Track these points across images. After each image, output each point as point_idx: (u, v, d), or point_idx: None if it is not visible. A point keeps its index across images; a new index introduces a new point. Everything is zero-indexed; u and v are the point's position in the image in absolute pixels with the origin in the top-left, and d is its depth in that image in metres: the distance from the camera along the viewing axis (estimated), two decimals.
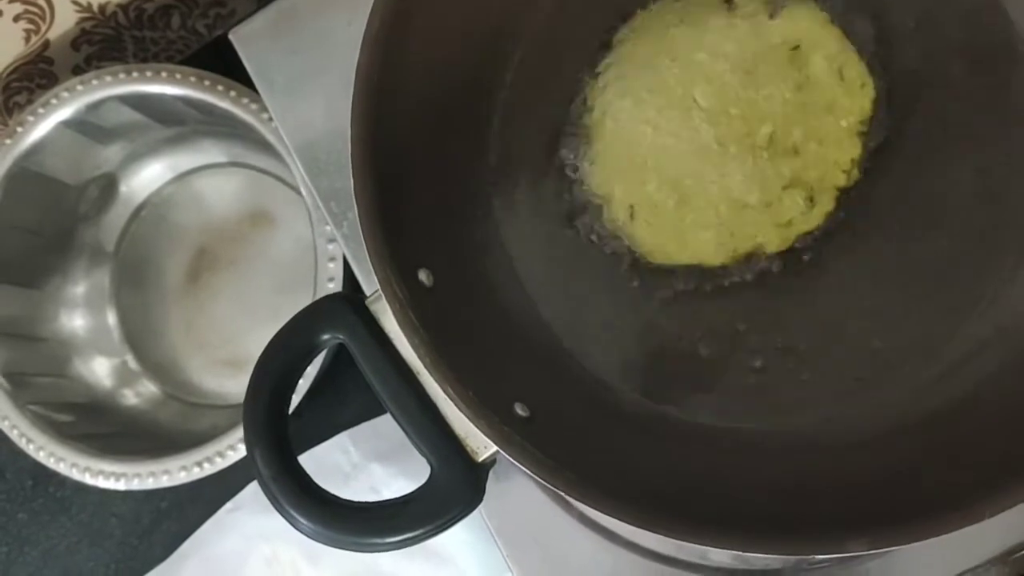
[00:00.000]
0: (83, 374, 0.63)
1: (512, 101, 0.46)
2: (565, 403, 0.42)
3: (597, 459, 0.39)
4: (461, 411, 0.37)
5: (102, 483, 0.55)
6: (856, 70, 0.44)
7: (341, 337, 0.40)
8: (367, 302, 0.40)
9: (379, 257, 0.38)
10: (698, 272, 0.45)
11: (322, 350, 0.40)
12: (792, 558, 0.45)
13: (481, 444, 0.39)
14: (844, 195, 0.44)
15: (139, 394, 0.64)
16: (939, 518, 0.34)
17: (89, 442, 0.57)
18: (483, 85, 0.46)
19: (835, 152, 0.44)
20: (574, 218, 0.46)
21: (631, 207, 0.45)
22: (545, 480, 0.36)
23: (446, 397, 0.37)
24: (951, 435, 0.39)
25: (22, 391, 0.57)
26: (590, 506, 0.36)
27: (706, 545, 0.35)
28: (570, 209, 0.46)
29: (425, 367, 0.37)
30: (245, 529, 0.60)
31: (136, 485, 0.55)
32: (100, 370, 0.64)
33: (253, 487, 0.60)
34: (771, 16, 0.45)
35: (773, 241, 0.44)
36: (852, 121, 0.44)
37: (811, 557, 0.45)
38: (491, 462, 0.39)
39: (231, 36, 0.54)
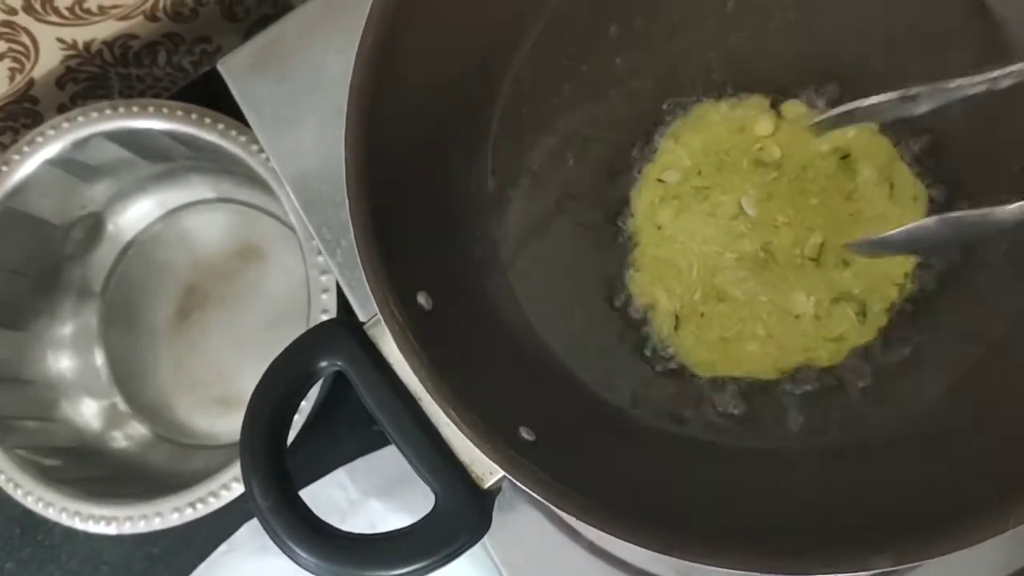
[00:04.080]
0: (71, 417, 0.62)
1: (509, 121, 0.46)
2: (572, 426, 0.41)
3: (607, 482, 0.37)
4: (465, 435, 0.36)
5: (92, 528, 0.54)
6: (907, 181, 0.43)
7: (339, 364, 0.38)
8: (365, 327, 0.39)
9: (376, 278, 0.37)
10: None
11: (320, 377, 0.39)
12: None
13: (486, 470, 0.37)
14: (897, 309, 0.43)
15: (129, 436, 0.62)
16: (964, 529, 0.33)
17: (78, 486, 0.55)
18: (480, 103, 0.45)
19: (887, 265, 0.43)
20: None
21: (676, 317, 0.44)
22: (555, 504, 0.35)
23: (449, 422, 0.36)
24: (973, 444, 0.38)
25: (9, 435, 0.56)
26: (602, 530, 0.34)
27: (724, 567, 0.34)
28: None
29: (427, 391, 0.36)
30: (240, 571, 0.58)
31: (128, 529, 0.53)
32: (88, 412, 0.62)
33: (247, 528, 0.59)
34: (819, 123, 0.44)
35: (823, 356, 0.43)
36: None
37: None
38: (497, 489, 0.38)
39: (219, 66, 0.53)
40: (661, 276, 0.44)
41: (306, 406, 0.54)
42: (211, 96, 0.56)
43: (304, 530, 0.37)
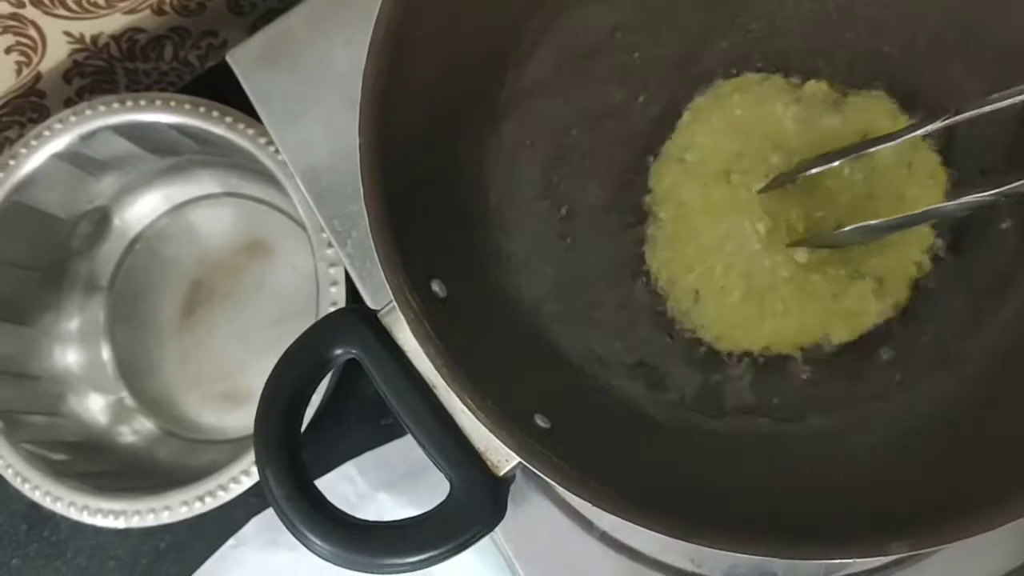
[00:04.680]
0: (78, 411, 0.61)
1: (524, 106, 0.46)
2: (586, 413, 0.41)
3: (623, 469, 0.37)
4: (480, 422, 0.36)
5: (100, 521, 0.53)
6: (926, 160, 0.43)
7: (354, 351, 0.38)
8: (379, 315, 0.39)
9: (391, 265, 0.37)
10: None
11: (334, 366, 0.39)
12: (824, 566, 0.44)
13: (502, 457, 0.37)
14: (917, 287, 0.43)
15: (135, 431, 0.62)
16: (981, 514, 0.33)
17: (86, 480, 0.55)
18: (494, 88, 0.45)
19: (904, 243, 0.43)
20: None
21: (696, 292, 0.44)
22: (570, 490, 0.35)
23: (464, 409, 0.36)
24: (989, 428, 0.38)
25: (16, 430, 0.56)
26: (619, 516, 0.34)
27: (740, 552, 0.34)
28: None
29: (442, 377, 0.36)
30: (249, 566, 0.58)
31: (136, 522, 0.53)
32: (95, 407, 0.62)
33: (255, 522, 0.59)
34: (837, 104, 0.45)
35: (841, 331, 0.43)
36: None
37: (848, 563, 0.43)
38: (512, 477, 0.38)
39: (228, 58, 0.53)
40: (682, 252, 0.44)
41: (315, 400, 0.53)
42: (217, 91, 0.56)
43: (319, 518, 0.37)
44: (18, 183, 0.57)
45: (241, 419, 0.62)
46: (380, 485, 0.58)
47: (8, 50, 0.55)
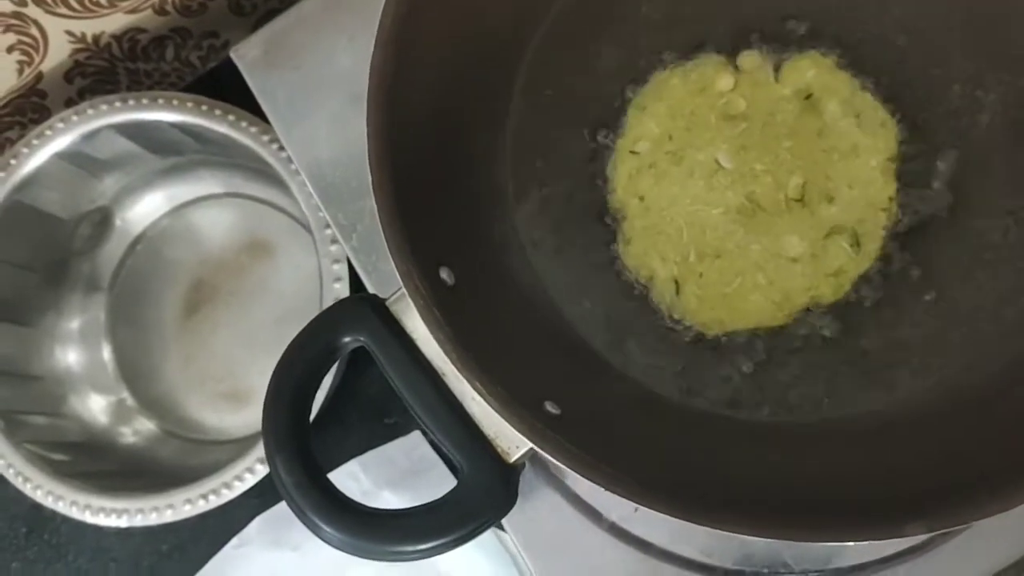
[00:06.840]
0: (79, 412, 0.61)
1: (527, 100, 0.46)
2: (597, 400, 0.41)
3: (634, 454, 0.37)
4: (491, 407, 0.35)
5: (103, 521, 0.53)
6: (873, 110, 0.44)
7: (362, 339, 0.38)
8: (387, 303, 0.39)
9: (400, 252, 0.37)
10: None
11: (342, 353, 0.39)
12: (832, 557, 0.44)
13: (512, 444, 0.37)
14: (889, 233, 0.44)
15: (137, 432, 0.62)
16: (995, 495, 0.33)
17: (88, 480, 0.54)
18: (497, 82, 0.45)
19: (870, 193, 0.44)
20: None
21: (676, 282, 0.44)
22: (582, 475, 0.35)
23: (474, 396, 0.36)
24: (1003, 409, 0.38)
25: (18, 430, 0.55)
26: (632, 500, 0.34)
27: (758, 536, 0.33)
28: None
29: (452, 363, 0.36)
30: (252, 566, 0.57)
31: (139, 521, 0.53)
32: (96, 407, 0.62)
33: (258, 522, 0.58)
34: (776, 69, 0.45)
35: (826, 292, 0.43)
36: (880, 160, 0.44)
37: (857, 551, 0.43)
38: (522, 464, 0.38)
39: (232, 54, 0.53)
40: (653, 245, 0.45)
41: (318, 397, 0.53)
42: (219, 92, 0.56)
43: (329, 506, 0.37)
44: (19, 183, 0.56)
45: (244, 419, 0.62)
46: (384, 483, 0.57)
47: (10, 49, 0.55)
